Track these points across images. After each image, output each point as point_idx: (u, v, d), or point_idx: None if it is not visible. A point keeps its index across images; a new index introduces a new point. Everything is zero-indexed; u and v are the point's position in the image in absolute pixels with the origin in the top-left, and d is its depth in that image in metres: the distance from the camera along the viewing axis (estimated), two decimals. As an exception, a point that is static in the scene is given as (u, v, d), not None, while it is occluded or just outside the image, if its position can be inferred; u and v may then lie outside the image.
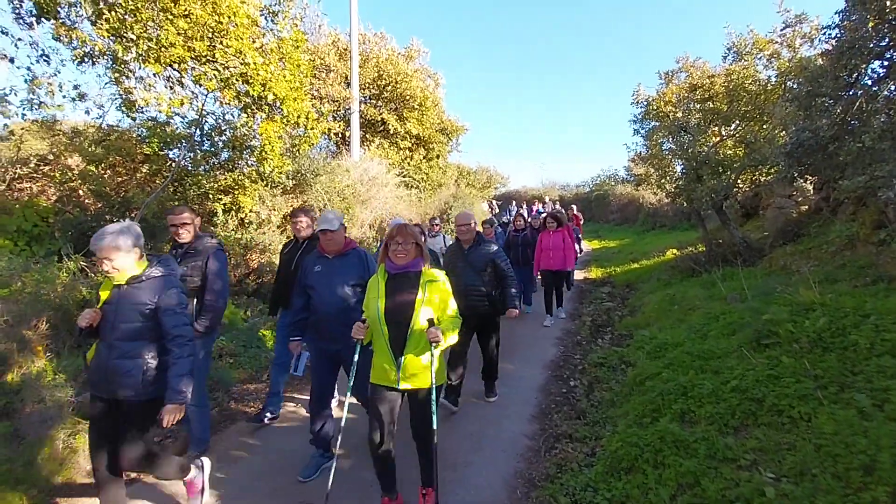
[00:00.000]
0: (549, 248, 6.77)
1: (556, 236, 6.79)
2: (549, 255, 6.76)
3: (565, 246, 6.73)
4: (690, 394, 3.41)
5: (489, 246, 4.17)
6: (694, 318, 5.63)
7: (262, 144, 5.87)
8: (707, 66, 9.90)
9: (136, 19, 4.65)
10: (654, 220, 18.77)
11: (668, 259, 10.33)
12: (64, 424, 3.57)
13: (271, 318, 6.08)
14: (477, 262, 4.07)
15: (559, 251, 6.74)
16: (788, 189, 8.04)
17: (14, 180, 5.62)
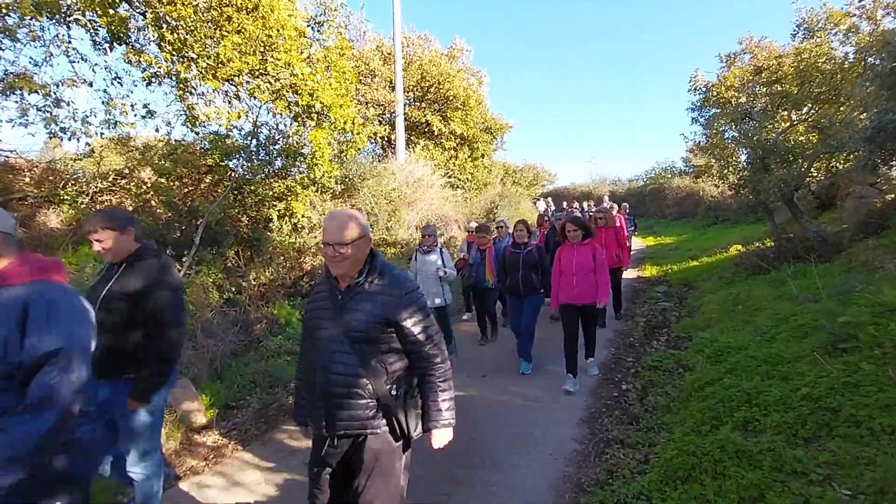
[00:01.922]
0: (570, 270, 4.55)
1: (581, 252, 4.56)
2: (570, 281, 4.55)
3: (597, 266, 4.52)
4: (755, 401, 3.18)
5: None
6: (760, 319, 5.24)
7: (312, 151, 6.12)
8: (774, 46, 9.20)
9: (194, 38, 5.00)
10: (715, 213, 17.63)
11: (731, 256, 9.67)
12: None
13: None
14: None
15: (586, 275, 4.51)
16: (870, 177, 7.29)
17: (96, 193, 6.18)
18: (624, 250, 6.68)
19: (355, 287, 1.85)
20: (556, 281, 4.75)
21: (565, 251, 4.70)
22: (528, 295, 5.05)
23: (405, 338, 1.84)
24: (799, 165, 7.44)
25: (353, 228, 1.82)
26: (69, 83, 5.15)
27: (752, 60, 8.95)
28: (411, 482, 3.13)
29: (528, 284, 5.03)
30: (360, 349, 1.79)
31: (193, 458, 3.53)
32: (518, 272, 5.05)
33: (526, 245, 5.14)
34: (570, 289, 4.60)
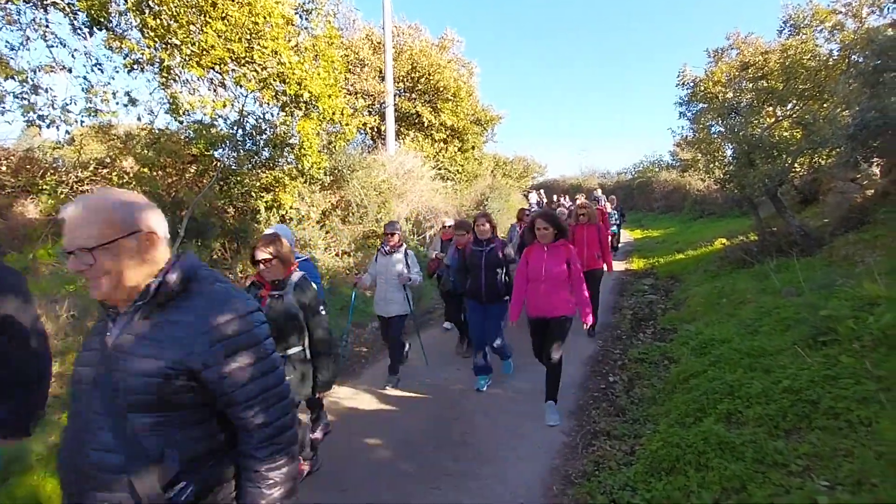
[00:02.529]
0: (538, 276, 3.79)
1: (552, 256, 3.80)
2: (537, 290, 3.81)
3: (573, 276, 3.77)
4: (738, 393, 3.24)
5: None
6: (744, 312, 5.33)
7: (300, 141, 6.03)
8: (760, 42, 9.27)
9: (178, 24, 4.86)
10: (701, 207, 17.85)
11: (716, 249, 9.81)
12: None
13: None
14: None
15: (557, 284, 3.75)
16: (852, 172, 7.43)
17: (76, 183, 6.03)
18: (606, 251, 5.97)
19: (132, 317, 1.17)
20: (519, 287, 3.94)
21: (534, 253, 3.86)
22: (491, 301, 4.36)
23: (218, 398, 1.17)
24: (783, 161, 7.54)
25: (104, 223, 1.13)
26: (47, 69, 4.99)
27: (739, 56, 9.02)
28: (401, 475, 3.16)
29: (491, 288, 4.33)
30: (127, 422, 1.11)
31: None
32: (480, 273, 4.35)
33: (489, 242, 4.42)
34: (536, 299, 3.82)
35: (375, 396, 4.50)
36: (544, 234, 3.80)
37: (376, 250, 4.82)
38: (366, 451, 3.51)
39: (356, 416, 4.10)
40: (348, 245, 8.13)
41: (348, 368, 5.29)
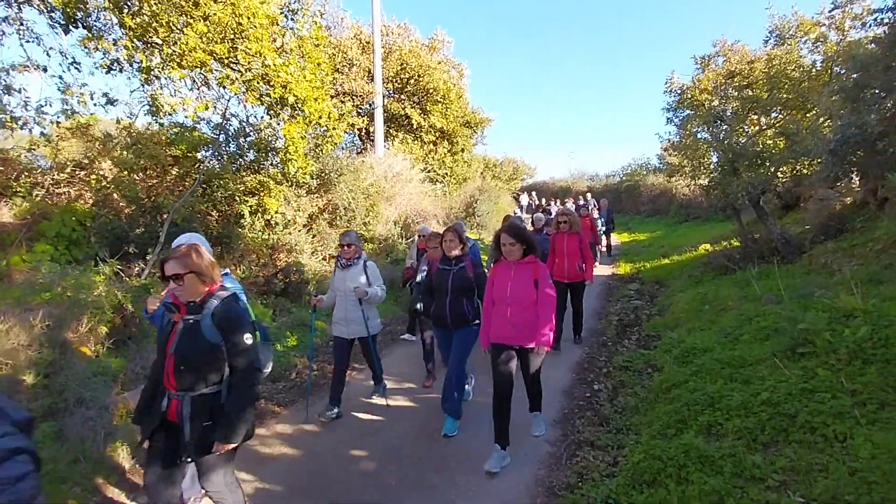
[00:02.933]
0: (504, 297, 3.35)
1: (520, 274, 3.36)
2: (503, 313, 3.35)
3: (540, 295, 3.30)
4: (718, 405, 3.27)
5: None
6: (726, 320, 5.39)
7: (285, 146, 5.95)
8: (747, 50, 9.40)
9: (158, 23, 4.76)
10: (687, 211, 18.08)
11: (700, 255, 9.94)
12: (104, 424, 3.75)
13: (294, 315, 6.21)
14: None
15: (526, 307, 3.30)
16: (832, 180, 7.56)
17: (53, 185, 5.88)
18: (588, 261, 5.72)
19: None
20: (486, 311, 3.49)
21: (500, 272, 3.41)
22: (458, 327, 3.80)
23: None
24: (766, 169, 7.66)
25: None
26: (21, 68, 4.86)
27: (726, 64, 9.15)
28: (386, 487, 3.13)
29: (457, 313, 3.79)
30: None
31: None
32: (445, 296, 3.84)
33: (458, 260, 3.89)
34: (502, 323, 3.33)
35: (360, 407, 4.45)
36: (510, 250, 3.33)
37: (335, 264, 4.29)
38: (351, 462, 3.48)
39: (340, 427, 4.06)
40: (336, 249, 8.06)
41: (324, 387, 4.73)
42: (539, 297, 3.30)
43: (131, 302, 4.85)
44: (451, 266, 3.90)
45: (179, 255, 2.21)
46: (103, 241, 5.46)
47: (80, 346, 4.45)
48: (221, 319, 2.20)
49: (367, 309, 4.10)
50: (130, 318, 4.92)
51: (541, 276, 3.34)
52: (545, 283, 3.35)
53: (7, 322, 4.13)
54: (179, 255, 2.21)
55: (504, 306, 3.35)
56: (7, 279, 4.94)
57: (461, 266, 3.88)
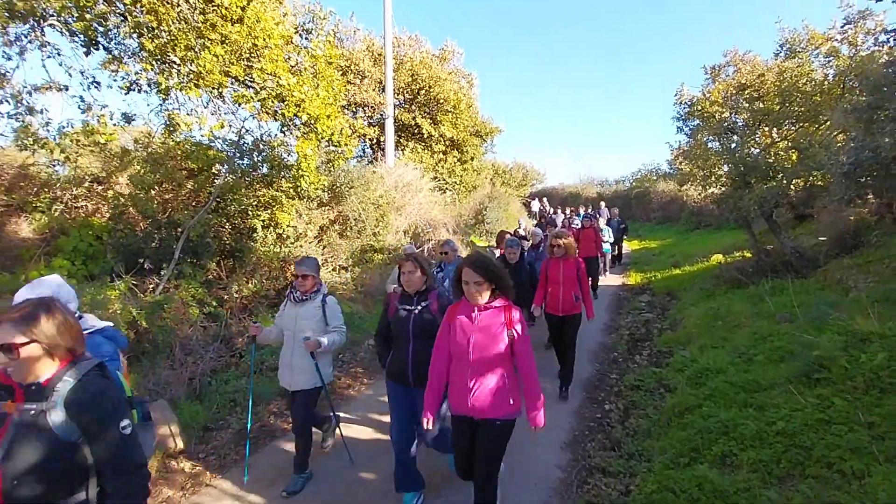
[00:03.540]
0: (464, 352, 2.53)
1: (487, 322, 2.54)
2: (462, 373, 2.56)
3: (517, 351, 2.54)
4: (732, 434, 3.25)
5: None
6: (739, 338, 5.35)
7: (298, 161, 6.03)
8: (758, 60, 9.34)
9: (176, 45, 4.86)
10: (698, 219, 17.91)
11: (712, 266, 9.85)
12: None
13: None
14: None
15: (492, 367, 2.53)
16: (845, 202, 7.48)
17: (71, 200, 6.00)
18: (586, 291, 4.90)
19: None
20: (436, 367, 2.64)
21: (459, 318, 2.54)
22: (422, 384, 2.76)
23: None
24: (779, 182, 7.59)
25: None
26: (43, 89, 4.98)
27: (737, 75, 9.09)
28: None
29: (422, 367, 2.80)
30: None
31: (170, 488, 3.47)
32: (407, 345, 2.97)
33: (421, 297, 3.01)
34: (459, 388, 2.53)
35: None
36: (476, 291, 2.44)
37: (286, 297, 3.51)
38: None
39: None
40: (346, 260, 8.13)
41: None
42: (516, 353, 2.51)
43: (145, 318, 4.94)
44: (413, 304, 3.00)
45: (16, 317, 1.47)
46: (119, 255, 5.56)
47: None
48: (79, 408, 1.49)
49: (319, 356, 3.35)
50: (144, 334, 5.01)
51: (517, 325, 2.50)
52: (523, 339, 2.51)
53: (26, 339, 4.23)
54: (16, 317, 1.47)
55: (464, 364, 2.50)
56: (26, 294, 5.05)
57: (425, 305, 2.97)
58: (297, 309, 3.38)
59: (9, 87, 4.67)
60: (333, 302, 3.50)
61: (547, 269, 5.00)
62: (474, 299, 2.49)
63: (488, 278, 2.48)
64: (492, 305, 2.52)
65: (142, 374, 4.77)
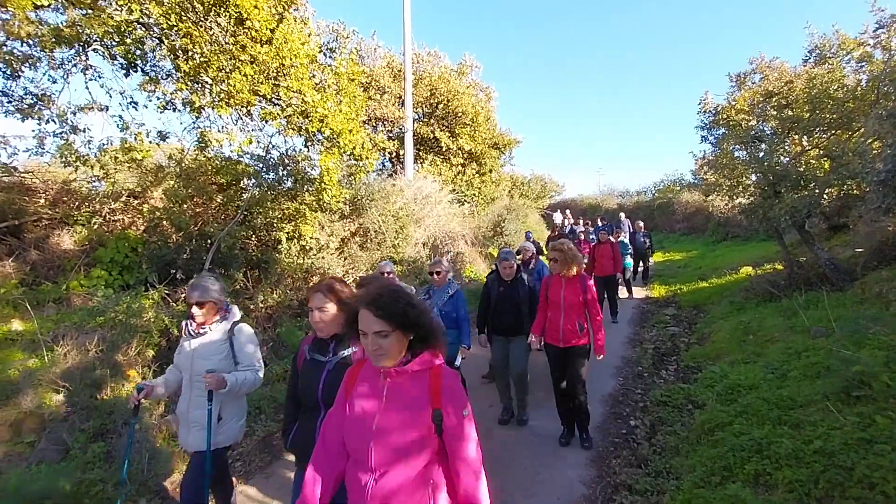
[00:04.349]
0: (363, 456, 1.51)
1: (397, 396, 1.55)
2: (358, 485, 1.51)
3: (452, 437, 1.51)
4: (766, 452, 3.13)
5: None
6: (771, 353, 5.17)
7: (320, 175, 6.17)
8: (785, 67, 9.13)
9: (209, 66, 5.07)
10: (725, 230, 17.45)
11: (741, 278, 9.58)
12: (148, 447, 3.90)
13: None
14: None
15: (409, 482, 1.48)
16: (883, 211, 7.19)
17: (109, 214, 6.27)
18: (594, 318, 3.95)
19: None
20: (318, 463, 1.65)
21: (359, 383, 1.66)
22: None
23: None
24: (811, 191, 7.36)
25: None
26: (86, 110, 5.25)
27: (763, 82, 8.90)
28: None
29: None
30: None
31: (199, 495, 3.52)
32: (315, 411, 2.10)
33: (341, 343, 2.14)
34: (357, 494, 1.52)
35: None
36: (379, 347, 1.52)
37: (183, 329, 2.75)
38: None
39: None
40: (366, 271, 8.21)
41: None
42: (448, 451, 1.55)
43: (176, 326, 5.09)
44: (328, 354, 2.13)
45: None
46: (153, 266, 5.76)
47: (128, 369, 4.69)
48: None
49: (223, 405, 2.62)
50: (175, 342, 5.15)
51: (452, 408, 1.53)
52: (458, 423, 1.53)
53: (65, 345, 4.42)
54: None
55: (361, 464, 1.54)
56: (67, 303, 5.28)
57: (345, 355, 2.11)
58: (194, 345, 2.62)
59: (54, 108, 4.93)
60: (245, 332, 2.70)
61: (546, 288, 4.07)
62: (377, 359, 1.52)
63: (399, 324, 1.50)
64: (408, 369, 1.54)
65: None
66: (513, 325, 4.34)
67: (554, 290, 3.99)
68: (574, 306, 3.90)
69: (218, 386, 2.49)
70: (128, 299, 5.01)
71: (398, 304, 1.52)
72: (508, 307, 4.34)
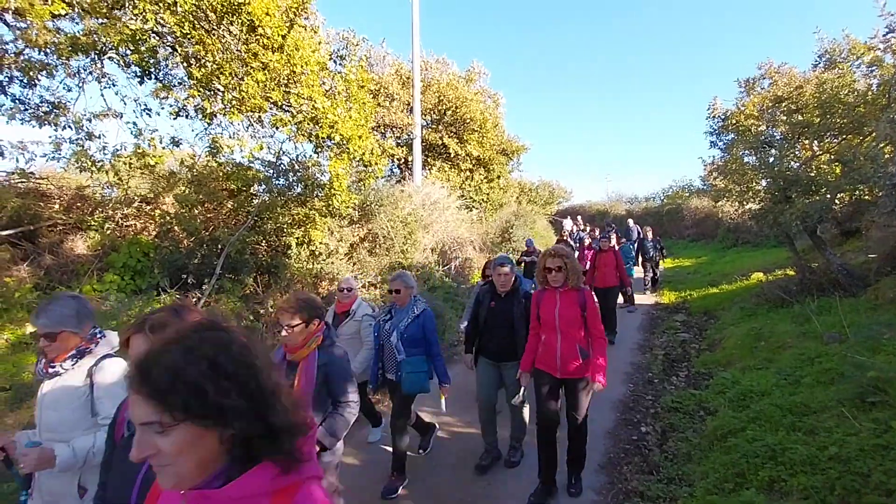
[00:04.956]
0: None
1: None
2: None
3: None
4: (781, 458, 3.08)
5: None
6: (784, 359, 5.11)
7: (330, 180, 6.23)
8: (794, 73, 9.10)
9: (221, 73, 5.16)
10: (735, 235, 17.28)
11: (752, 284, 9.48)
12: None
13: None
14: None
15: None
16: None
17: (122, 219, 6.36)
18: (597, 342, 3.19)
19: None
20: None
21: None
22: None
23: None
24: (822, 196, 7.29)
25: None
26: (101, 116, 5.36)
27: (772, 87, 8.87)
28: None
29: None
30: None
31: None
32: None
33: None
34: None
35: None
36: (157, 460, 0.81)
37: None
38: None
39: None
40: (375, 277, 8.24)
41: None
42: None
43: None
44: None
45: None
46: (164, 271, 5.83)
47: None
48: None
49: (82, 473, 1.85)
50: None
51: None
52: None
53: (78, 351, 4.47)
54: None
55: None
56: (79, 308, 5.34)
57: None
58: (44, 390, 1.92)
59: (70, 116, 5.03)
60: (110, 370, 1.90)
61: (538, 305, 3.30)
62: (160, 477, 0.87)
63: (190, 411, 0.81)
64: (221, 495, 0.85)
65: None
66: (505, 349, 3.62)
67: (546, 307, 3.24)
68: (572, 325, 3.17)
69: (39, 464, 1.69)
70: (140, 303, 5.07)
71: (187, 371, 0.81)
72: (501, 325, 3.63)
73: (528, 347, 3.40)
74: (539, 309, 3.30)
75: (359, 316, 3.99)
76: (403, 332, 3.49)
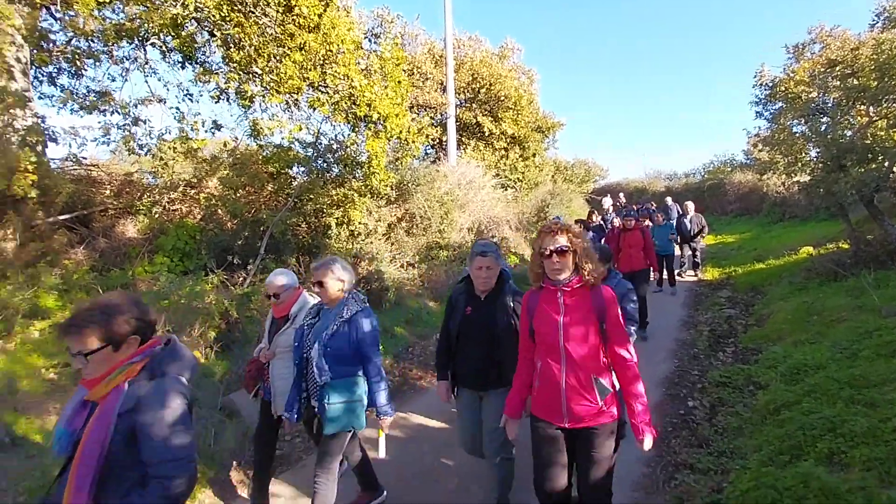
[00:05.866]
0: None
1: None
2: None
3: None
4: (840, 431, 2.98)
5: None
6: (838, 333, 4.90)
7: (368, 160, 6.28)
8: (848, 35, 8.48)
9: (260, 55, 5.24)
10: (782, 210, 16.44)
11: (801, 258, 9.06)
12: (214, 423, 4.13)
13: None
14: None
15: None
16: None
17: (169, 203, 6.62)
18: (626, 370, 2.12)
19: None
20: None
21: None
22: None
23: None
24: (880, 164, 6.84)
25: None
26: (147, 102, 5.55)
27: (824, 51, 8.29)
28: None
29: None
30: None
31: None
32: None
33: None
34: None
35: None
36: None
37: None
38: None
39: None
40: (412, 256, 8.32)
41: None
42: None
43: (235, 308, 5.33)
44: None
45: None
46: (210, 252, 6.06)
47: (192, 350, 4.97)
48: None
49: None
50: (234, 324, 5.41)
51: None
52: None
53: (136, 327, 4.72)
54: None
55: None
56: (133, 288, 5.62)
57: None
58: None
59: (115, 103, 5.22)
60: None
61: (531, 313, 2.17)
62: None
63: None
64: None
65: (232, 360, 5.15)
66: (484, 372, 2.62)
67: (544, 316, 2.11)
68: (586, 345, 2.06)
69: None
70: (190, 283, 5.29)
71: None
72: (479, 340, 2.63)
73: (516, 380, 2.29)
74: (533, 319, 2.14)
75: (302, 319, 2.79)
76: (326, 345, 2.48)
